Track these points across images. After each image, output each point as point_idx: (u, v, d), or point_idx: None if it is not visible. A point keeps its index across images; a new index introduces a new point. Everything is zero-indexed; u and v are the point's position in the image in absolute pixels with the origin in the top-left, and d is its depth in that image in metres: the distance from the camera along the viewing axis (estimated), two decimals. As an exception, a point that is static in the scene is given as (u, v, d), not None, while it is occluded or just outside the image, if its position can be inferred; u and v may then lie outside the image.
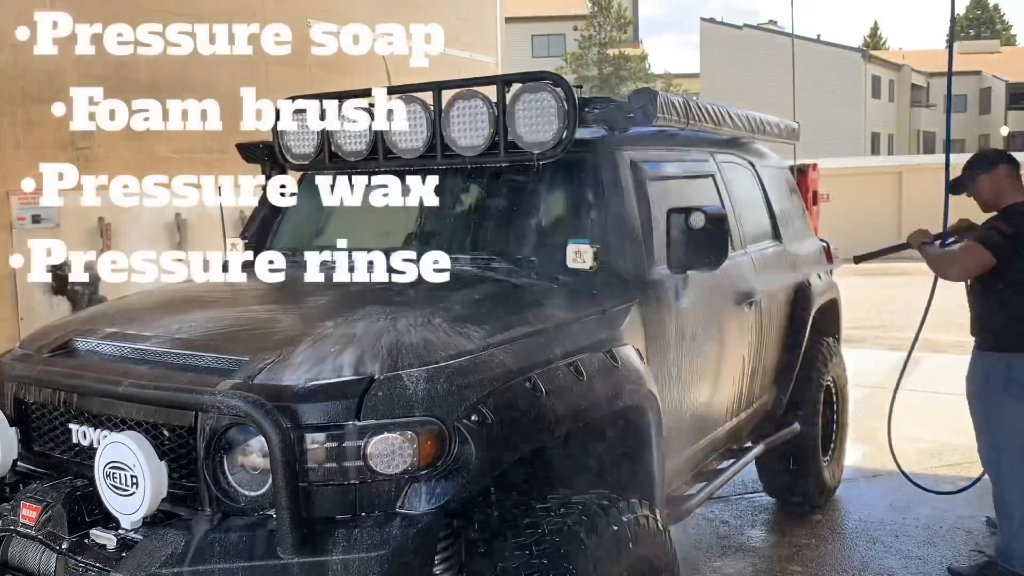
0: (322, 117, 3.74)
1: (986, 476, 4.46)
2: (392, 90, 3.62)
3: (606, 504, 2.70)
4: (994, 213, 4.24)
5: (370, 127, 3.60)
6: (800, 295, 4.99)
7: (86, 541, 2.43)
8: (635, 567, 2.77)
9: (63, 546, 2.43)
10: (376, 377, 2.38)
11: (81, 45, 5.87)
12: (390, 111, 3.54)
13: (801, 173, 6.06)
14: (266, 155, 4.23)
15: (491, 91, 3.38)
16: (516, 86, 3.34)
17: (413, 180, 3.87)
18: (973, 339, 4.30)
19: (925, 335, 4.95)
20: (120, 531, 2.40)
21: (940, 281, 4.46)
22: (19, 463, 2.78)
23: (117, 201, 6.12)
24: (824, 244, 5.70)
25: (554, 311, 3.05)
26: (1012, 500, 4.17)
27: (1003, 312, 4.11)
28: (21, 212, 5.56)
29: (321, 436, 2.30)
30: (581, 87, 3.72)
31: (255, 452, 2.37)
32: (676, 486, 3.76)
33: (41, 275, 5.67)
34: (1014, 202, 4.16)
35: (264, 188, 4.34)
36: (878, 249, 5.05)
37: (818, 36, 43.06)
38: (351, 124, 3.64)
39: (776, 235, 4.97)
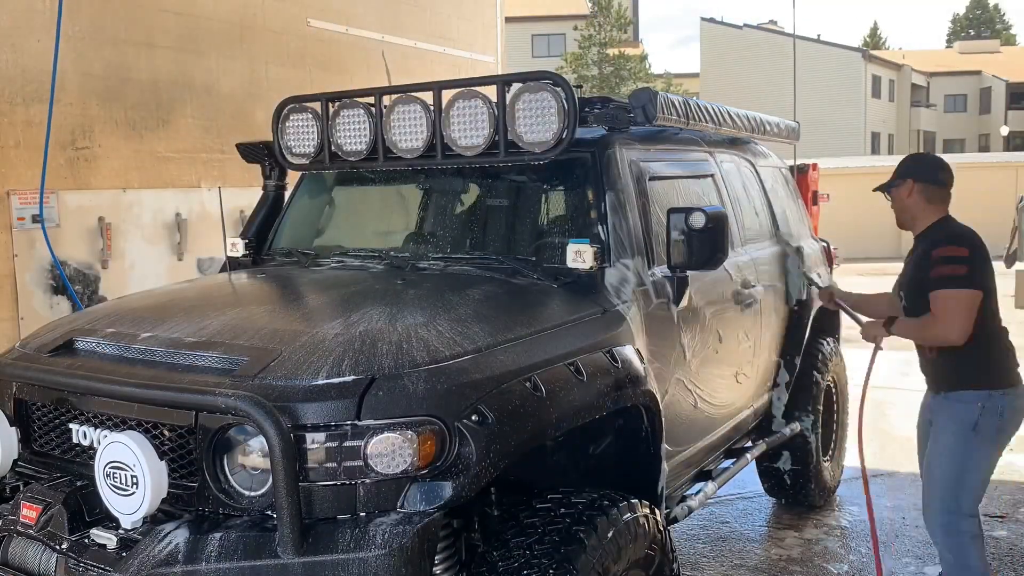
0: (322, 117, 3.74)
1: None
2: (392, 90, 3.62)
3: (606, 504, 2.70)
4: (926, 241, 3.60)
5: (370, 127, 3.60)
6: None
7: (86, 541, 2.43)
8: (635, 567, 2.77)
9: (63, 546, 2.43)
10: (376, 377, 2.38)
11: (81, 45, 5.89)
12: (390, 111, 3.55)
13: (801, 173, 6.06)
14: (266, 155, 4.23)
15: (491, 91, 3.38)
16: (516, 86, 3.35)
17: (413, 180, 3.88)
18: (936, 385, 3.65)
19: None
20: (120, 531, 2.39)
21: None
22: (19, 463, 2.78)
23: (117, 201, 6.15)
24: (824, 244, 5.71)
25: (554, 311, 3.05)
26: None
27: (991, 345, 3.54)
28: (21, 212, 5.56)
29: (321, 436, 2.30)
30: (581, 87, 3.72)
31: (255, 452, 2.37)
32: (676, 486, 3.76)
33: (41, 275, 5.70)
34: (937, 219, 3.61)
35: (264, 188, 4.35)
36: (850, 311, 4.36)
37: (818, 36, 43.11)
38: (351, 124, 3.64)
39: (776, 235, 4.97)
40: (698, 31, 43.95)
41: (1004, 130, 42.17)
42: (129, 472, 2.34)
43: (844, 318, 5.47)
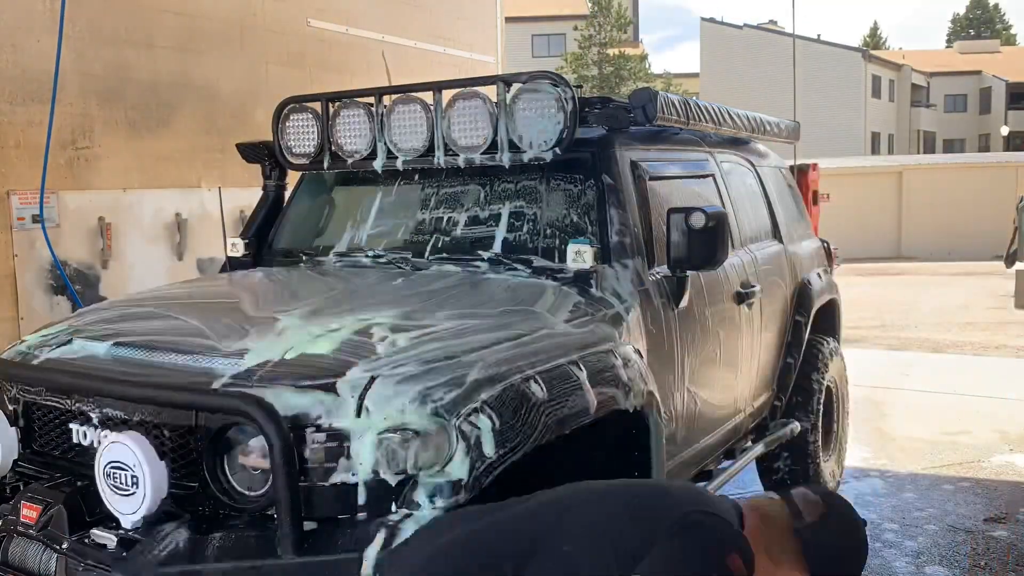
0: (322, 117, 3.73)
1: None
2: (392, 90, 3.62)
3: (606, 504, 2.69)
4: None
5: (370, 127, 3.60)
6: (800, 295, 5.00)
7: (86, 541, 2.43)
8: (635, 567, 2.77)
9: (63, 546, 2.43)
10: (376, 377, 2.38)
11: (81, 45, 5.89)
12: (390, 111, 3.54)
13: (801, 173, 6.07)
14: (266, 155, 4.23)
15: (491, 91, 3.38)
16: (516, 86, 3.35)
17: (413, 180, 3.88)
18: None
19: (926, 335, 4.94)
20: (120, 531, 2.39)
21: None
22: (19, 463, 2.78)
23: (117, 201, 6.15)
24: (824, 244, 5.71)
25: (554, 311, 3.05)
26: None
27: None
28: (21, 212, 5.56)
29: (321, 436, 2.30)
30: (581, 87, 3.72)
31: (255, 452, 2.37)
32: (676, 486, 3.76)
33: (41, 275, 5.70)
34: None
35: (264, 188, 4.35)
36: None
37: (818, 36, 43.10)
38: (351, 124, 3.64)
39: (776, 235, 4.97)
40: (690, 30, 44.05)
41: (1004, 130, 42.18)
42: (129, 472, 2.33)
43: (844, 318, 5.48)
